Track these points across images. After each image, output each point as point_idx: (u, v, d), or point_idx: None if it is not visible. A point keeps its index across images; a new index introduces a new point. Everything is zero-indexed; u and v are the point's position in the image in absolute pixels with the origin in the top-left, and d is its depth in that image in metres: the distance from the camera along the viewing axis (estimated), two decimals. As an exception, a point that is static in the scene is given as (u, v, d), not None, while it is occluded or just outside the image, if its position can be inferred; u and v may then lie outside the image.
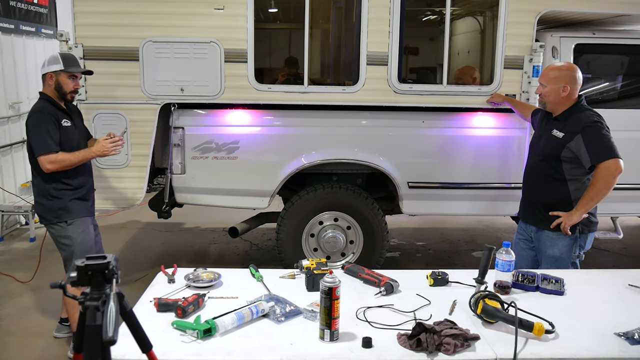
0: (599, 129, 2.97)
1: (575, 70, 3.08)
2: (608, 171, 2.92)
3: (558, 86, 3.04)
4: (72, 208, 3.32)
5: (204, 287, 2.42)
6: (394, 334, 2.01)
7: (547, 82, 3.08)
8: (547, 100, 3.12)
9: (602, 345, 1.99)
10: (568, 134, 3.02)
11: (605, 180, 2.94)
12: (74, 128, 3.35)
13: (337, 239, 4.37)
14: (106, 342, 1.32)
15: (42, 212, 3.36)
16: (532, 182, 3.26)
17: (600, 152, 2.94)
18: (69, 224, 3.32)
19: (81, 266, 1.42)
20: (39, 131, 3.17)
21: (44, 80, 3.29)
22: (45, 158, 3.15)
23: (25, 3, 6.41)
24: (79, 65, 3.37)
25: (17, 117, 6.30)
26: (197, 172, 4.15)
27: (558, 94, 3.05)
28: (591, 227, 3.10)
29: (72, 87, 3.28)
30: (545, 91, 3.09)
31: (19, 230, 6.20)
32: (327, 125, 4.25)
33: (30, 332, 3.87)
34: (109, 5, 3.88)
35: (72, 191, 3.32)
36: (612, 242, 5.81)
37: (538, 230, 3.19)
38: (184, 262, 5.19)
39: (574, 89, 3.06)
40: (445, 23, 4.08)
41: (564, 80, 3.03)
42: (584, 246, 3.10)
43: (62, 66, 3.23)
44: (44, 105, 3.23)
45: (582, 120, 3.01)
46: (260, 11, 4.35)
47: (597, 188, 2.95)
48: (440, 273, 2.54)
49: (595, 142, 2.96)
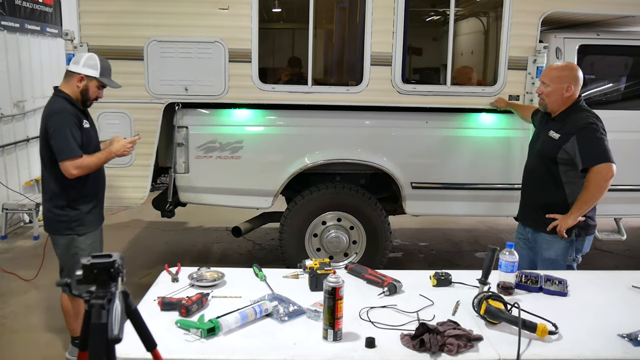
0: (593, 131, 2.93)
1: (577, 70, 3.05)
2: (600, 175, 2.89)
3: (562, 86, 3.00)
4: (87, 221, 3.18)
5: (207, 286, 2.43)
6: (397, 334, 2.01)
7: (551, 81, 3.03)
8: (548, 100, 3.07)
9: (606, 346, 1.99)
10: (564, 135, 2.99)
11: (598, 185, 2.90)
12: (92, 129, 3.24)
13: (340, 239, 4.37)
14: (111, 340, 1.33)
15: (52, 221, 3.18)
16: (530, 184, 3.24)
17: (593, 156, 2.90)
18: (81, 236, 3.17)
19: (87, 264, 1.43)
20: (62, 134, 2.98)
21: (69, 77, 3.10)
22: (70, 163, 2.97)
23: (30, 2, 6.43)
24: (111, 76, 3.24)
25: (21, 115, 6.32)
26: (200, 171, 4.15)
27: (561, 95, 3.02)
28: (589, 231, 3.07)
29: (96, 96, 3.17)
30: (548, 91, 3.05)
31: (23, 228, 6.22)
32: (331, 126, 4.25)
33: (34, 330, 3.89)
34: (114, 4, 3.89)
35: (89, 201, 3.18)
36: (615, 244, 5.80)
37: (534, 232, 3.17)
38: (187, 261, 5.20)
39: (576, 90, 3.03)
40: (449, 23, 4.08)
41: (568, 81, 3.00)
42: (581, 249, 3.07)
43: (99, 74, 3.10)
44: (65, 106, 3.05)
45: (578, 121, 2.98)
46: (265, 11, 4.36)
47: (591, 192, 2.91)
48: (443, 274, 2.54)
49: (588, 144, 2.92)
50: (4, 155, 6.01)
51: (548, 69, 3.15)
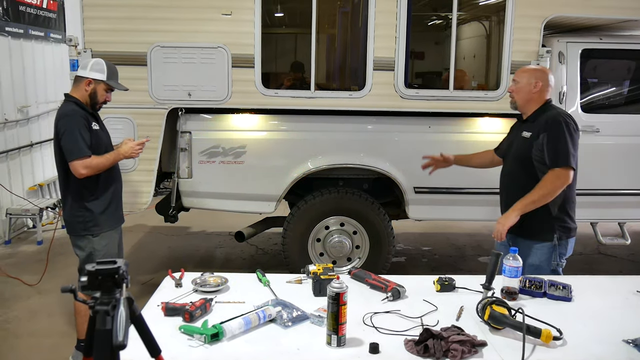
0: (562, 129, 2.85)
1: (549, 73, 3.04)
2: (558, 180, 2.82)
3: (530, 81, 2.96)
4: (102, 222, 3.25)
5: (211, 291, 2.43)
6: (401, 340, 2.01)
7: (520, 78, 3.01)
8: (517, 97, 3.03)
9: (611, 352, 1.98)
10: (535, 133, 2.93)
11: (553, 187, 2.83)
12: (102, 131, 3.31)
13: (344, 243, 4.37)
14: (116, 346, 1.33)
15: (70, 223, 3.27)
16: (508, 189, 3.14)
17: (556, 156, 2.83)
18: (95, 236, 3.24)
19: (92, 271, 1.43)
20: (71, 135, 3.07)
21: (78, 82, 3.19)
22: (79, 163, 3.06)
23: (34, 8, 6.47)
24: (118, 79, 3.31)
25: (25, 120, 6.34)
26: (203, 176, 4.16)
27: (529, 90, 2.97)
28: (570, 233, 2.99)
29: (105, 99, 3.24)
30: (517, 87, 3.01)
31: (27, 233, 6.23)
32: (334, 130, 4.25)
33: (38, 335, 3.89)
34: (118, 10, 3.91)
35: (102, 201, 3.25)
36: (619, 248, 5.79)
37: (515, 238, 3.01)
38: (190, 266, 5.20)
39: (545, 88, 2.97)
40: (452, 28, 4.08)
41: (536, 77, 2.96)
42: (565, 253, 2.98)
43: (106, 77, 3.17)
44: (74, 109, 3.14)
45: (548, 118, 2.92)
46: (268, 16, 4.37)
47: (542, 193, 2.84)
48: (447, 279, 2.53)
49: (554, 142, 2.85)
50: (8, 161, 6.02)
51: (520, 69, 3.13)
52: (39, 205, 5.92)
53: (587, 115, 4.26)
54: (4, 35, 5.88)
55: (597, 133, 4.21)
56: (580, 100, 4.29)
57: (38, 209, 5.86)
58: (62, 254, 5.26)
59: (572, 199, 2.99)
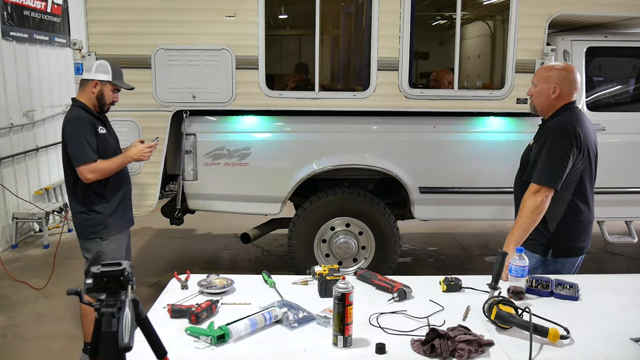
0: (559, 141, 2.63)
1: (570, 72, 2.74)
2: (536, 197, 2.63)
3: (548, 86, 2.72)
4: (110, 224, 3.25)
5: (217, 293, 2.43)
6: (407, 340, 2.00)
7: (538, 81, 2.78)
8: (536, 102, 2.81)
9: (619, 351, 1.96)
10: (537, 141, 2.76)
11: (534, 205, 2.63)
12: (109, 135, 3.31)
13: (349, 244, 4.36)
14: (122, 348, 1.33)
15: (78, 226, 3.28)
16: (515, 193, 3.01)
17: (540, 170, 2.64)
18: (104, 239, 3.25)
19: (97, 273, 1.43)
20: (77, 140, 3.08)
21: (84, 85, 3.20)
22: (85, 168, 3.06)
23: (38, 12, 6.50)
24: (123, 79, 3.32)
25: (30, 125, 6.37)
26: (209, 178, 4.16)
27: (547, 96, 2.73)
28: (572, 252, 2.77)
29: (112, 99, 3.25)
30: (535, 91, 2.79)
31: (33, 237, 6.26)
32: (338, 131, 4.25)
33: (45, 338, 3.90)
34: (121, 14, 3.93)
35: (110, 205, 3.25)
36: (626, 247, 5.77)
37: None
38: (196, 268, 5.21)
39: (565, 92, 2.71)
40: (456, 27, 4.08)
41: (555, 81, 2.71)
42: (561, 271, 2.73)
43: (111, 78, 3.18)
44: (80, 113, 3.15)
45: (552, 126, 2.71)
46: (271, 18, 4.37)
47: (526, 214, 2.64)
48: (453, 279, 2.52)
49: (545, 154, 2.64)
50: (14, 165, 6.05)
51: (539, 69, 2.93)
52: (45, 209, 5.95)
53: (593, 114, 4.23)
54: (9, 39, 5.91)
55: (603, 131, 4.19)
56: (585, 99, 4.28)
57: (44, 213, 5.88)
58: (69, 257, 5.29)
59: (578, 218, 2.77)
